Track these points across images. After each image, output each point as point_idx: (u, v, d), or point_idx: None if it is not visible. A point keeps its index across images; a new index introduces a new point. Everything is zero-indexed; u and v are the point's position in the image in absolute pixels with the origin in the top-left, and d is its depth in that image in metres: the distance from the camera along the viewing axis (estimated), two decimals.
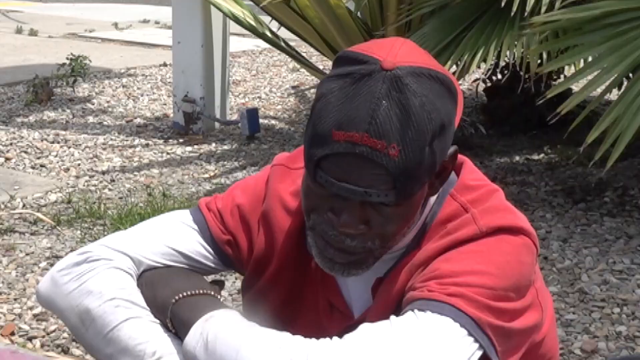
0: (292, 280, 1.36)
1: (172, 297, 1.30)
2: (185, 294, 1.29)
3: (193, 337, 1.22)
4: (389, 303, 1.27)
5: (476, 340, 1.17)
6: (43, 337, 2.80)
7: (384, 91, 1.14)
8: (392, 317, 1.18)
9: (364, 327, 1.16)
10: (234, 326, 1.21)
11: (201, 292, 1.31)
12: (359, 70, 1.16)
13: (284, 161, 1.41)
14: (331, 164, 1.17)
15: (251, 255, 1.40)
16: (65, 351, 2.71)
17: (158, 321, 1.30)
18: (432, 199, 1.30)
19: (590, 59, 3.46)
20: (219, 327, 1.21)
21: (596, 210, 3.76)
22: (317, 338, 1.16)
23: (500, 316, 1.20)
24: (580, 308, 2.93)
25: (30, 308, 2.98)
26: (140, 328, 1.28)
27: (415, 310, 1.17)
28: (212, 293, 1.32)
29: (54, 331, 2.82)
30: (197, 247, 1.40)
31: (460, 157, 1.36)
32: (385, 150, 1.14)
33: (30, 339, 2.80)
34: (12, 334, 2.82)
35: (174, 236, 1.39)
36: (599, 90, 3.52)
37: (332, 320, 1.33)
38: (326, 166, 1.17)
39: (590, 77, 3.36)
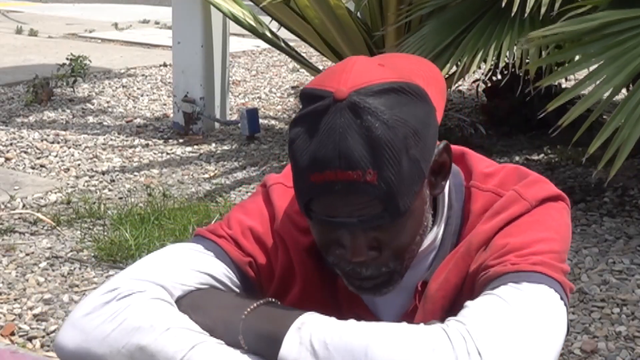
0: (320, 298, 1.34)
1: (238, 313, 1.23)
2: (253, 306, 1.23)
3: (292, 349, 1.15)
4: (446, 296, 1.27)
5: (565, 304, 1.22)
6: (43, 337, 2.80)
7: (343, 123, 1.14)
8: (490, 292, 1.18)
9: (475, 305, 1.16)
10: (341, 326, 1.15)
11: (264, 301, 1.25)
12: (317, 108, 1.16)
13: (280, 179, 1.39)
14: (318, 204, 1.18)
15: (272, 275, 1.37)
16: None
17: (223, 342, 1.23)
18: (446, 192, 1.31)
19: (589, 70, 3.45)
20: (323, 331, 1.15)
21: (596, 211, 3.76)
22: None
23: (566, 276, 1.26)
24: (580, 308, 2.94)
25: (30, 308, 2.98)
26: (212, 351, 1.20)
27: (510, 284, 1.19)
28: (273, 300, 1.26)
29: (54, 331, 2.82)
30: (220, 269, 1.34)
31: (458, 147, 1.38)
32: (362, 179, 1.14)
33: (30, 339, 2.80)
34: (12, 334, 2.82)
35: (196, 260, 1.33)
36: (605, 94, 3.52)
37: None
38: (315, 207, 1.19)
39: (590, 88, 3.36)
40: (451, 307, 1.25)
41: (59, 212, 3.83)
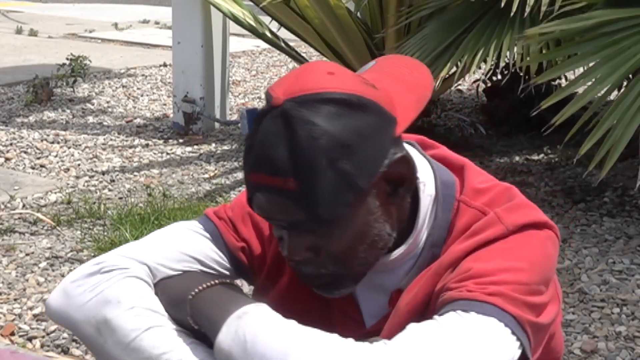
0: (308, 290, 1.35)
1: (189, 293, 1.27)
2: (202, 286, 1.28)
3: (227, 335, 1.18)
4: (412, 311, 1.26)
5: (518, 339, 1.19)
6: (43, 337, 2.80)
7: (274, 130, 1.18)
8: (437, 317, 1.18)
9: (413, 328, 1.16)
10: (276, 325, 1.17)
11: (217, 282, 1.29)
12: (261, 111, 1.21)
13: None
14: (255, 203, 1.23)
15: (263, 262, 1.40)
16: (65, 351, 2.71)
17: (180, 329, 1.28)
18: (426, 204, 1.30)
19: (583, 68, 3.46)
20: (258, 325, 1.17)
21: (596, 211, 3.76)
22: None
23: (534, 311, 1.22)
24: (580, 308, 2.94)
25: (30, 308, 2.98)
26: (163, 336, 1.25)
27: (459, 311, 1.18)
28: (229, 281, 1.30)
29: (53, 331, 2.82)
30: (211, 253, 1.39)
31: (459, 159, 1.37)
32: (284, 185, 1.17)
33: (30, 339, 2.80)
34: (12, 334, 2.82)
35: (188, 243, 1.38)
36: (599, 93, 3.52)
37: (345, 328, 1.31)
38: (254, 205, 1.24)
39: (585, 87, 3.37)
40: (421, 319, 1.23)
41: (59, 212, 3.83)
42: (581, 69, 3.48)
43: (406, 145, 1.33)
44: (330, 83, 1.20)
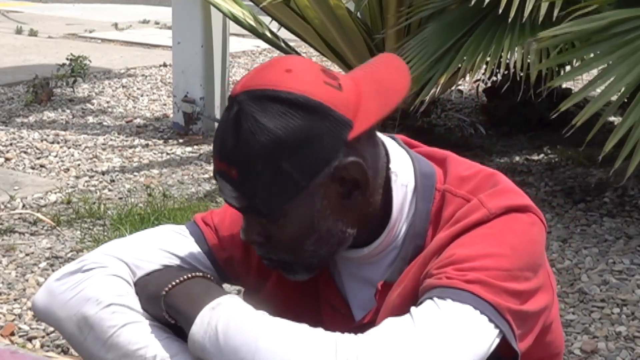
0: (297, 285, 1.36)
1: (162, 288, 1.29)
2: (175, 281, 1.30)
3: (200, 327, 1.20)
4: (404, 303, 1.26)
5: (497, 327, 1.18)
6: (43, 337, 2.80)
7: (228, 119, 1.24)
8: (413, 308, 1.18)
9: (388, 322, 1.17)
10: (247, 315, 1.19)
11: (191, 275, 1.31)
12: (228, 99, 1.27)
13: None
14: (218, 184, 1.27)
15: (249, 267, 1.41)
16: (65, 351, 2.71)
17: (157, 324, 1.30)
18: (400, 194, 1.30)
19: (597, 71, 3.44)
20: (230, 316, 1.19)
21: (596, 211, 3.76)
22: None
23: (517, 298, 1.21)
24: (580, 308, 2.94)
25: (30, 308, 2.98)
26: (139, 332, 1.28)
27: (435, 299, 1.18)
28: (202, 274, 1.32)
29: (53, 331, 2.82)
30: (194, 253, 1.41)
31: (442, 152, 1.38)
32: (229, 173, 1.22)
33: (30, 339, 2.80)
34: (12, 334, 2.82)
35: (170, 242, 1.40)
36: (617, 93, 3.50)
37: (335, 321, 1.33)
38: (219, 188, 1.28)
39: (600, 89, 3.34)
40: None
41: (59, 212, 3.83)
42: (593, 72, 3.46)
43: (385, 139, 1.33)
44: (284, 81, 1.22)
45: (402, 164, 1.32)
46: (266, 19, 5.05)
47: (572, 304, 2.96)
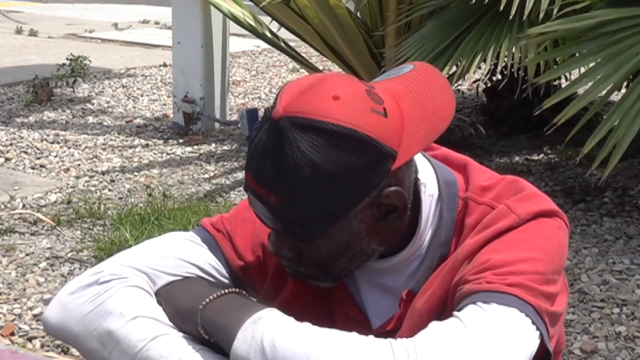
0: (312, 295, 1.36)
1: (199, 303, 1.25)
2: (212, 296, 1.26)
3: (243, 342, 1.16)
4: (431, 310, 1.26)
5: (537, 328, 1.19)
6: (43, 337, 2.80)
7: (268, 143, 1.19)
8: (458, 312, 1.18)
9: (436, 325, 1.16)
10: (293, 328, 1.17)
11: (227, 291, 1.27)
12: (263, 117, 1.22)
13: None
14: (248, 197, 1.25)
15: (265, 273, 1.40)
16: (65, 351, 2.71)
17: (187, 336, 1.26)
18: (427, 205, 1.30)
19: (584, 68, 3.46)
20: (275, 329, 1.16)
21: (596, 211, 3.76)
22: None
23: (550, 300, 1.23)
24: (580, 308, 2.94)
25: (30, 308, 2.98)
26: (171, 345, 1.23)
27: (479, 303, 1.17)
28: (238, 290, 1.29)
29: None
30: (210, 261, 1.37)
31: (460, 157, 1.37)
32: (267, 197, 1.20)
33: (30, 339, 2.80)
34: (12, 334, 2.82)
35: (185, 250, 1.37)
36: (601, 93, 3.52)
37: (349, 329, 1.30)
38: (250, 202, 1.25)
39: (586, 87, 3.36)
40: (439, 320, 1.23)
41: (59, 212, 3.83)
42: (582, 69, 3.48)
43: None
44: (332, 111, 1.18)
45: (427, 173, 1.31)
46: (266, 19, 5.05)
47: (572, 304, 2.96)
